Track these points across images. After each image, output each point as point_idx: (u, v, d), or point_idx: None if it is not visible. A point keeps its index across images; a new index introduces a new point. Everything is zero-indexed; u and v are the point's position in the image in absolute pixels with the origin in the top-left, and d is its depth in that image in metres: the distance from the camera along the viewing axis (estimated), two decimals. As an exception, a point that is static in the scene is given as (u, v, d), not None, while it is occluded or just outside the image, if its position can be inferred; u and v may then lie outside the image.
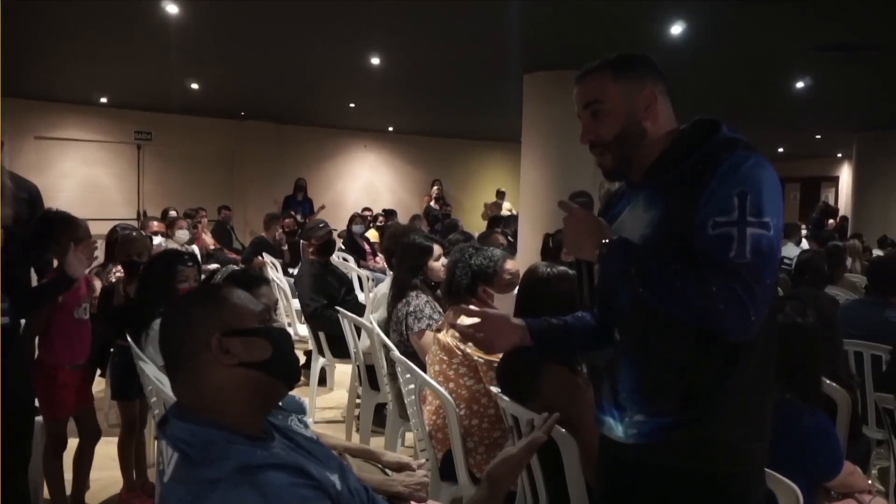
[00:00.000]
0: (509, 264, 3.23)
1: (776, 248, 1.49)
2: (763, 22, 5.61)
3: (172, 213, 9.20)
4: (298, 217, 10.71)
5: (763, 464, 1.65)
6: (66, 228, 3.18)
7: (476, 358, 2.80)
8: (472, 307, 2.09)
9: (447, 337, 2.93)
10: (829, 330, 2.77)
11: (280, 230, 8.72)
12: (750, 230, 1.45)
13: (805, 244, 8.55)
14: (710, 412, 1.54)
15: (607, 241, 1.57)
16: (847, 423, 2.76)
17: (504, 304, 3.13)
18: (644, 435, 1.60)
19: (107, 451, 3.65)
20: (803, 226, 10.83)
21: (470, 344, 2.75)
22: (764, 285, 1.45)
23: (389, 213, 11.63)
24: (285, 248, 8.69)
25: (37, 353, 3.35)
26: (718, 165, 1.51)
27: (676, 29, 5.77)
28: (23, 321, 3.09)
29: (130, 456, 3.61)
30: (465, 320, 1.93)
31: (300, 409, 3.36)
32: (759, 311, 1.44)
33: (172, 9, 5.57)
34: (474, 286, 3.14)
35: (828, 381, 2.78)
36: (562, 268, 2.53)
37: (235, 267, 3.70)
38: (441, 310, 3.58)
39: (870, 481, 2.80)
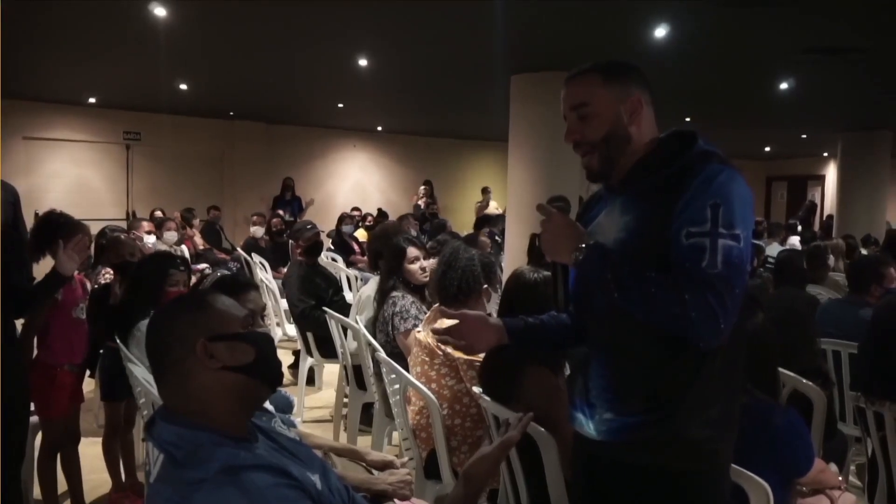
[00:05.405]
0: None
1: (746, 259, 1.55)
2: (748, 25, 5.66)
3: (158, 214, 9.22)
4: (286, 216, 10.69)
5: (728, 462, 1.70)
6: (68, 231, 3.19)
7: (456, 358, 2.85)
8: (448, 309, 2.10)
9: (428, 338, 2.97)
10: (793, 329, 2.83)
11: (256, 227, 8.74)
12: (721, 241, 1.50)
13: (796, 243, 8.62)
14: (676, 413, 1.59)
15: (584, 245, 1.62)
16: (822, 421, 2.82)
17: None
18: (613, 432, 1.66)
19: (97, 451, 3.68)
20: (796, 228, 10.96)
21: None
22: (733, 295, 1.50)
23: (381, 215, 11.63)
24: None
25: (35, 352, 3.37)
26: (693, 177, 1.56)
27: (661, 31, 5.83)
28: (19, 323, 3.10)
29: (116, 456, 3.63)
30: (444, 322, 1.96)
31: (288, 405, 3.42)
32: (729, 320, 1.50)
33: (160, 11, 5.59)
34: (483, 283, 3.12)
35: (804, 381, 2.85)
36: (547, 272, 2.54)
37: (227, 271, 3.72)
38: (426, 310, 3.62)
39: (848, 477, 2.87)
